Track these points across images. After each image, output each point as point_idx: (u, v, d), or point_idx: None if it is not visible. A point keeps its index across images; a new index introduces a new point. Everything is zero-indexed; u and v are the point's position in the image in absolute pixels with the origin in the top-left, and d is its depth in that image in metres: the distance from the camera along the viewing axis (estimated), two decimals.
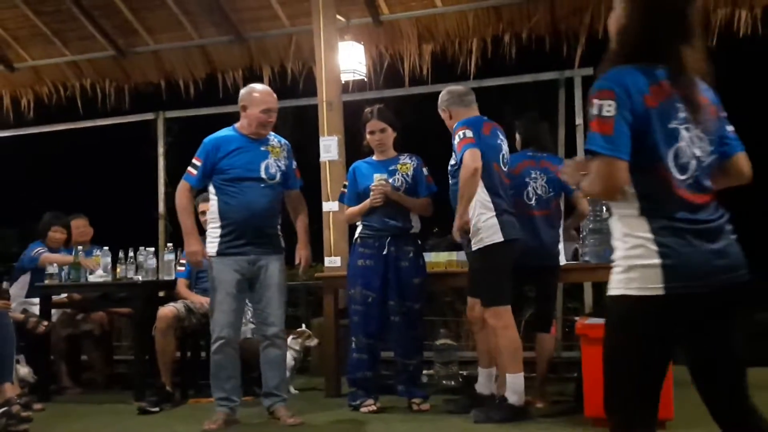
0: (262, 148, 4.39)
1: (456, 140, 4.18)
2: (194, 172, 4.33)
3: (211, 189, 4.37)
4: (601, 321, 4.00)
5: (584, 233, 4.95)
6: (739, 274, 2.05)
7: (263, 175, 4.34)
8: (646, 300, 1.96)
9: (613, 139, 1.96)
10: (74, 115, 8.12)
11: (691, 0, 2.09)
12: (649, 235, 1.98)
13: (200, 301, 5.28)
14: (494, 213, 4.15)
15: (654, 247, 1.97)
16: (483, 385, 4.43)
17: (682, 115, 2.04)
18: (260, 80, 7.16)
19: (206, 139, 4.41)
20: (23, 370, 5.16)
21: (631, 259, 1.99)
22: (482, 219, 4.18)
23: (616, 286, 2.02)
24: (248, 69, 7.44)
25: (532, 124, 4.91)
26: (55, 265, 5.65)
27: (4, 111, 8.21)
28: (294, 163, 4.56)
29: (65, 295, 5.88)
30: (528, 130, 4.86)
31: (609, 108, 1.97)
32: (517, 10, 6.48)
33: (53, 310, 5.72)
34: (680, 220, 1.99)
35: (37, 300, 5.69)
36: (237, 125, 4.46)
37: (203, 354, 5.54)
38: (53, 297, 5.73)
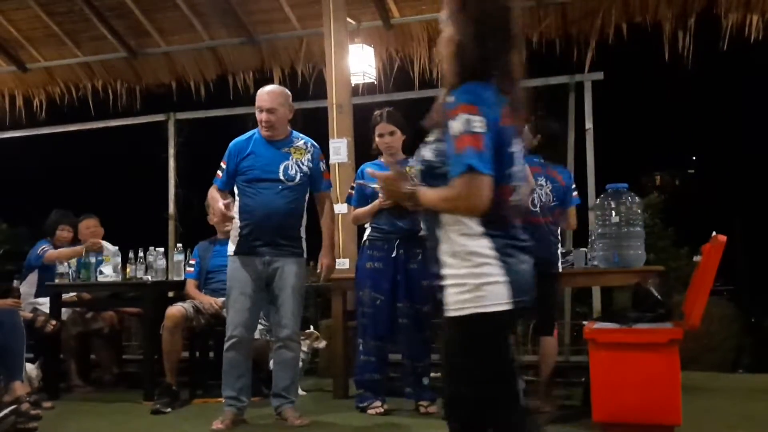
0: (284, 150, 4.41)
1: None
2: (220, 174, 4.42)
3: (235, 190, 4.43)
4: (610, 325, 4.00)
5: (592, 238, 4.95)
6: (531, 293, 2.16)
7: (281, 176, 4.35)
8: (498, 315, 2.03)
9: (485, 155, 1.97)
10: (86, 116, 8.18)
11: (513, 12, 2.13)
12: (494, 253, 2.04)
13: (209, 301, 5.30)
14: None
15: (499, 264, 2.03)
16: None
17: (514, 139, 2.11)
18: (271, 82, 7.18)
19: (231, 142, 4.48)
20: (34, 372, 5.20)
21: (479, 277, 2.03)
22: None
23: (463, 306, 2.05)
24: (259, 71, 7.48)
25: (554, 131, 4.87)
26: (65, 263, 5.69)
27: (16, 111, 8.27)
28: (322, 165, 4.55)
29: (73, 294, 5.91)
30: (549, 135, 4.80)
31: (478, 123, 1.97)
32: (528, 14, 6.48)
33: (63, 309, 5.74)
34: (514, 240, 2.09)
35: (44, 300, 5.72)
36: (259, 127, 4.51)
37: (211, 354, 5.56)
38: (62, 296, 5.76)
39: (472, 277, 2.03)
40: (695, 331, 4.05)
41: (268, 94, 4.45)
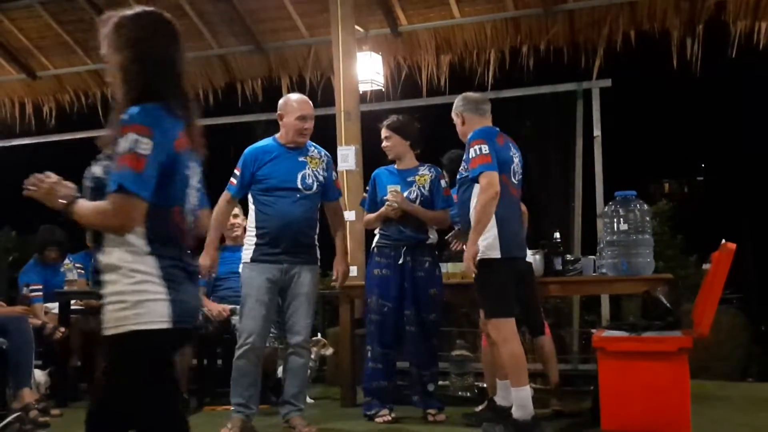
0: (300, 159, 4.40)
1: (471, 154, 4.08)
2: (234, 182, 4.38)
3: (250, 198, 4.41)
4: (619, 333, 3.99)
5: (601, 246, 4.93)
6: (195, 318, 2.28)
7: (299, 185, 4.35)
8: (157, 334, 2.05)
9: (142, 177, 2.01)
10: (95, 124, 8.21)
11: (180, 50, 2.24)
12: (158, 272, 2.07)
13: (217, 309, 5.31)
14: (496, 227, 4.02)
15: (162, 283, 2.06)
16: (502, 397, 4.36)
17: (191, 163, 2.19)
18: (279, 90, 7.22)
19: (246, 150, 4.45)
20: (42, 378, 5.21)
21: (139, 294, 2.05)
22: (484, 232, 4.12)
23: (123, 323, 2.05)
24: (267, 79, 7.50)
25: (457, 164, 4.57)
26: (74, 270, 5.70)
27: (26, 119, 8.33)
28: (334, 175, 4.56)
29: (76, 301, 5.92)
30: (454, 170, 4.61)
31: (145, 146, 2.02)
32: (536, 22, 6.49)
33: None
34: (181, 262, 2.13)
35: (53, 305, 5.74)
36: (277, 135, 4.49)
37: (220, 362, 5.56)
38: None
39: (133, 294, 2.05)
40: (704, 340, 4.03)
41: (308, 103, 4.47)
